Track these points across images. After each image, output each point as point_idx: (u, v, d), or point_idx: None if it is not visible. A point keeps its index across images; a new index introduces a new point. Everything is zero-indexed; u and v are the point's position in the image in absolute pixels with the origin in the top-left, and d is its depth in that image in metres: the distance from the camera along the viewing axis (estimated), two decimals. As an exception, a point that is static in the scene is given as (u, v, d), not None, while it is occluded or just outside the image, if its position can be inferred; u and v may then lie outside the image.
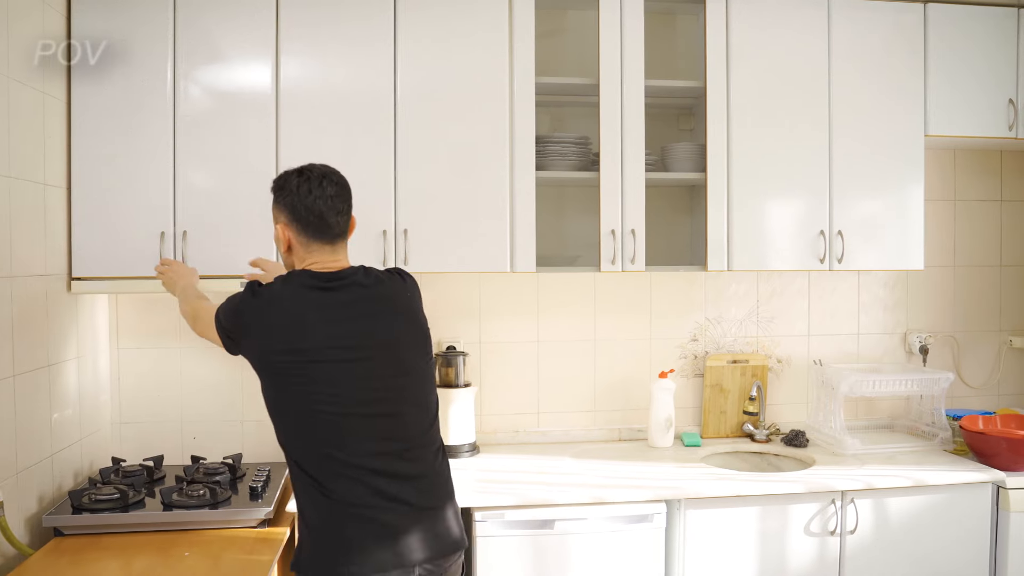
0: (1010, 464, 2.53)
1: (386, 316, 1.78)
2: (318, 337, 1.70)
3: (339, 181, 1.82)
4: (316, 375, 1.69)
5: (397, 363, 1.77)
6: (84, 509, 2.17)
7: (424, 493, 1.74)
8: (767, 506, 2.38)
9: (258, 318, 1.74)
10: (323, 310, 1.72)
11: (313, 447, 1.70)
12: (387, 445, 1.72)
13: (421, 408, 1.80)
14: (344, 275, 1.79)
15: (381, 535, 1.67)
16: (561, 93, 2.75)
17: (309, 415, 1.70)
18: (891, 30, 2.71)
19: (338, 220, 1.81)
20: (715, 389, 2.95)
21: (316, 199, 1.77)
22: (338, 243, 1.83)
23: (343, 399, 1.70)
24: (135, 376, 2.70)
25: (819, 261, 2.68)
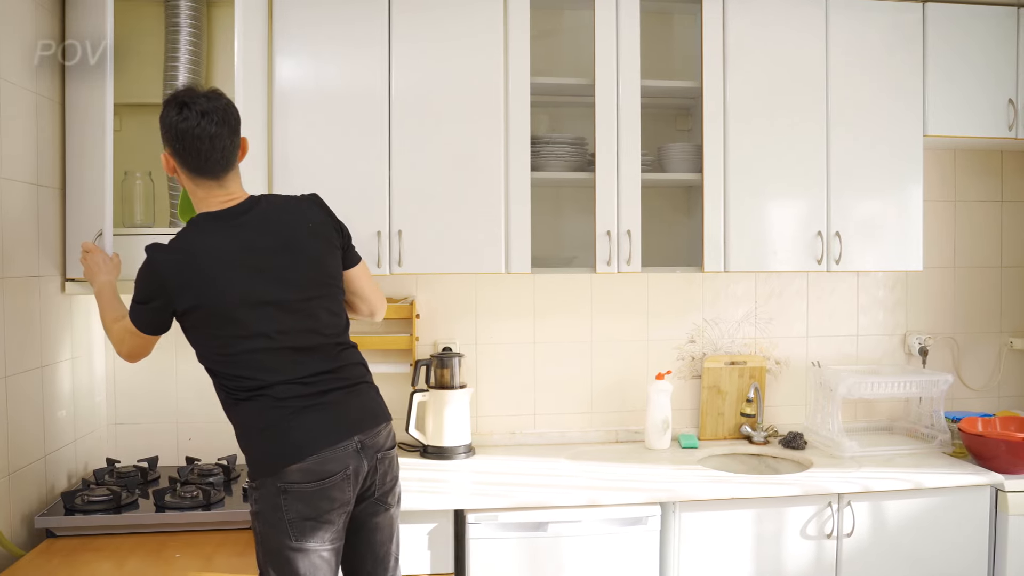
0: (1009, 467, 2.51)
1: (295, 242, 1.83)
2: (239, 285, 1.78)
3: (221, 115, 1.78)
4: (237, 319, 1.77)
5: (311, 284, 1.83)
6: (77, 510, 2.17)
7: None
8: (763, 509, 2.37)
9: (180, 272, 1.76)
10: (238, 253, 1.78)
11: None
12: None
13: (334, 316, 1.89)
14: (245, 207, 1.83)
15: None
16: (558, 93, 2.74)
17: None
18: (890, 29, 2.69)
19: (220, 159, 1.80)
20: (713, 391, 2.93)
21: (195, 139, 1.76)
22: (225, 177, 1.83)
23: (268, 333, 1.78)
24: (131, 377, 2.69)
25: (816, 262, 2.66)
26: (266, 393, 1.77)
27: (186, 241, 1.79)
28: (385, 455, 1.87)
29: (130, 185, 2.48)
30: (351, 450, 1.79)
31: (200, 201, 1.84)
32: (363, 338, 2.68)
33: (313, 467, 1.74)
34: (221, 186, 1.82)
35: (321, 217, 1.90)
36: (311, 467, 1.74)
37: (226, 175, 1.82)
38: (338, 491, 1.77)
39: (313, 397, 1.79)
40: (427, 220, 2.47)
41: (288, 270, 1.80)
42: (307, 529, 1.75)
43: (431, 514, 2.24)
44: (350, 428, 1.80)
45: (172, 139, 1.78)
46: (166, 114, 1.78)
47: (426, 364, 2.70)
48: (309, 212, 1.89)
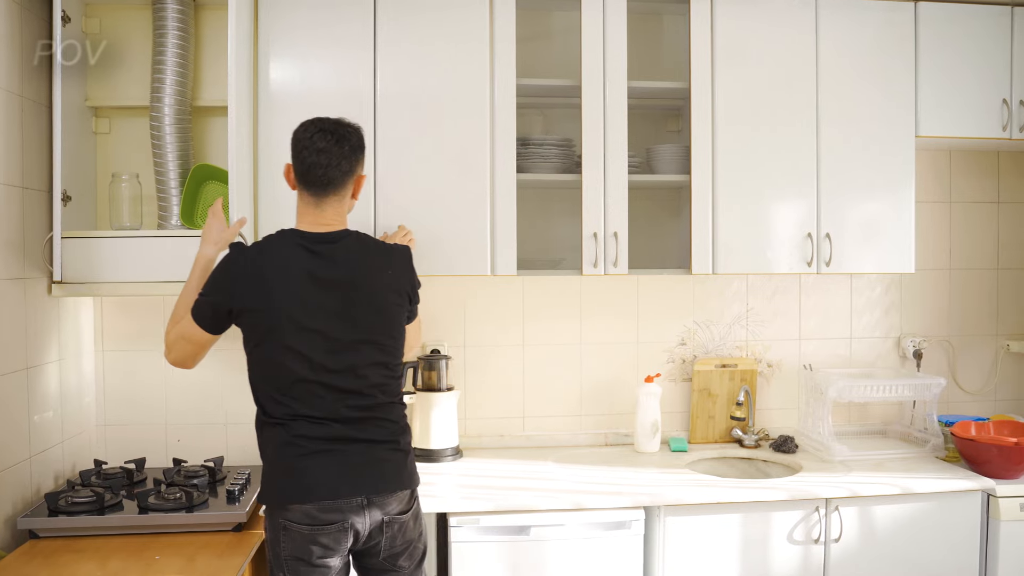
0: (1001, 472, 2.48)
1: (357, 289, 1.85)
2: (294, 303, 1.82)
3: (338, 136, 1.86)
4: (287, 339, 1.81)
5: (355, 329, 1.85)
6: (60, 512, 2.17)
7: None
8: (749, 513, 2.35)
9: (244, 278, 1.83)
10: (306, 277, 1.82)
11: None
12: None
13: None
14: (330, 238, 1.87)
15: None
16: (547, 95, 2.73)
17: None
18: (881, 29, 2.67)
19: (322, 174, 1.86)
20: (703, 394, 2.91)
21: (304, 150, 1.85)
22: (325, 198, 1.88)
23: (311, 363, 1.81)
24: (120, 378, 2.71)
25: (806, 264, 2.64)
26: (290, 424, 1.81)
27: (263, 246, 1.86)
28: (395, 520, 1.84)
29: (117, 187, 2.49)
30: (355, 505, 1.79)
31: (299, 216, 1.91)
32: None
33: (314, 512, 1.76)
34: (318, 206, 1.88)
35: (402, 272, 1.94)
36: (311, 511, 1.76)
37: (326, 196, 1.87)
38: (331, 540, 1.77)
39: (333, 442, 1.80)
40: (412, 222, 2.46)
41: (347, 309, 1.83)
42: (300, 569, 1.78)
43: (413, 517, 2.24)
44: (359, 486, 1.79)
45: (295, 154, 1.88)
46: (303, 132, 1.88)
47: (413, 366, 2.69)
48: (394, 263, 1.93)
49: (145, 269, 2.36)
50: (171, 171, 2.49)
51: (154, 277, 2.36)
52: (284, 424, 1.81)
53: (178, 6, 2.47)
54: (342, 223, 1.92)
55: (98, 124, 2.61)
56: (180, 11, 2.48)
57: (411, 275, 1.98)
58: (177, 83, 2.48)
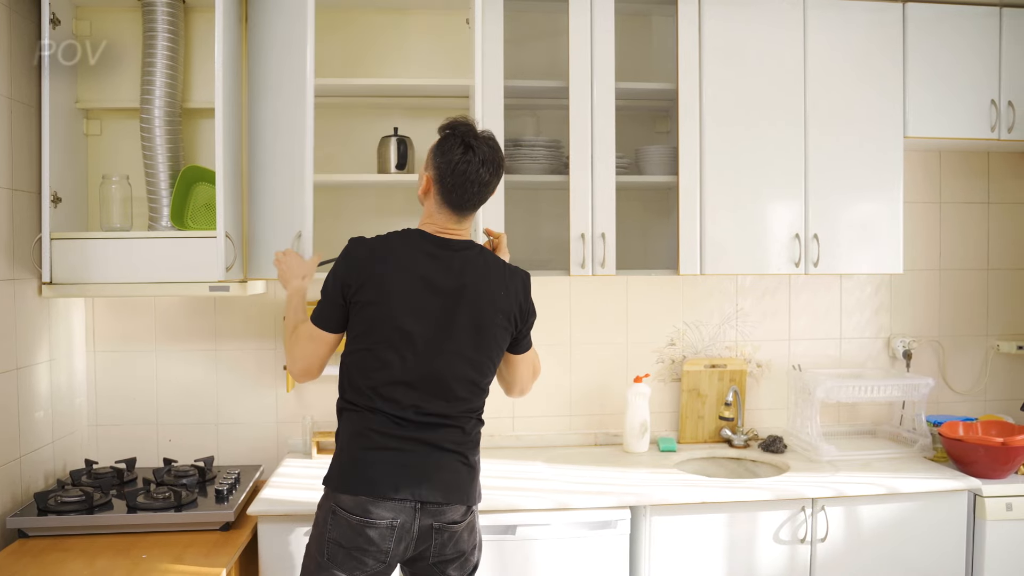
0: (988, 472, 2.48)
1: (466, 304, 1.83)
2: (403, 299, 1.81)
3: (496, 165, 1.85)
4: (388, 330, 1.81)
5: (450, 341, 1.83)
6: (49, 511, 2.19)
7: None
8: (735, 513, 2.35)
9: (367, 266, 1.83)
10: (420, 279, 1.82)
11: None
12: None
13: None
14: (455, 246, 1.87)
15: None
16: (534, 96, 2.74)
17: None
18: (869, 30, 2.67)
19: (477, 202, 1.87)
20: (692, 394, 2.92)
21: (466, 181, 1.82)
22: (467, 217, 1.89)
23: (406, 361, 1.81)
24: (111, 379, 2.72)
25: (794, 265, 2.65)
26: (367, 415, 1.82)
27: (385, 240, 1.87)
28: (447, 528, 1.82)
29: (107, 189, 2.51)
30: (408, 507, 1.78)
31: (428, 218, 1.89)
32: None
33: (367, 504, 1.77)
34: (458, 222, 1.88)
35: (516, 296, 1.90)
36: (364, 503, 1.77)
37: (467, 213, 1.88)
38: (377, 535, 1.77)
39: (402, 441, 1.80)
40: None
41: (450, 317, 1.81)
42: (338, 556, 1.78)
43: (400, 516, 2.25)
44: (416, 491, 1.79)
45: (446, 173, 1.83)
46: (449, 148, 1.83)
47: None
48: (508, 283, 1.89)
49: (135, 270, 2.38)
50: (161, 172, 2.50)
51: (144, 278, 2.37)
52: (361, 413, 1.82)
53: (168, 8, 2.49)
54: (468, 233, 1.91)
55: (89, 126, 2.63)
56: (170, 13, 2.49)
57: (525, 302, 1.93)
58: (167, 85, 2.49)
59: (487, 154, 1.83)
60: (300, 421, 2.77)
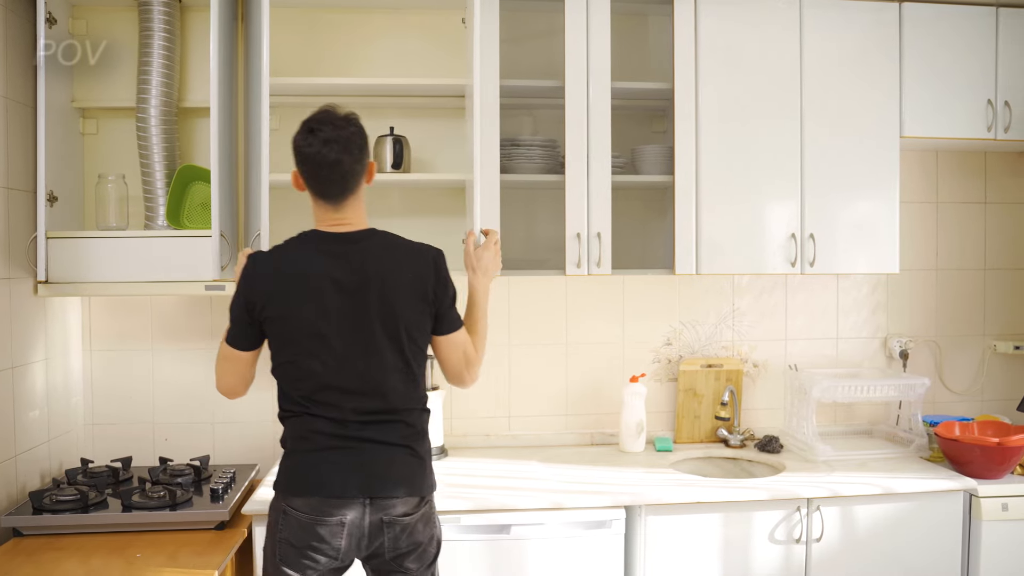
0: (983, 472, 2.48)
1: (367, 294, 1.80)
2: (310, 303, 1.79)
3: (343, 142, 1.78)
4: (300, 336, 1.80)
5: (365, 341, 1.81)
6: (45, 510, 2.19)
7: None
8: (730, 513, 2.35)
9: (262, 284, 1.82)
10: (324, 280, 1.79)
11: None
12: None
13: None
14: (353, 238, 1.83)
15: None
16: (531, 96, 2.74)
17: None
18: (865, 30, 2.67)
19: (340, 185, 1.81)
20: (689, 394, 2.92)
21: (315, 165, 1.79)
22: (343, 203, 1.83)
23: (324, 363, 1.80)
24: (107, 378, 2.72)
25: (790, 265, 2.65)
26: (307, 419, 1.82)
27: (280, 250, 1.85)
28: (397, 521, 1.81)
29: (103, 188, 2.51)
30: (357, 503, 1.78)
31: (317, 219, 1.87)
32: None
33: (316, 504, 1.78)
34: (337, 210, 1.84)
35: (424, 273, 1.85)
36: (314, 503, 1.78)
37: (343, 200, 1.83)
38: (327, 532, 1.77)
39: (343, 440, 1.80)
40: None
41: (364, 311, 1.79)
42: (290, 556, 1.79)
43: (395, 516, 2.25)
44: (363, 488, 1.78)
45: (297, 161, 1.82)
46: (296, 136, 1.81)
47: (398, 366, 2.70)
48: (415, 263, 1.85)
49: (131, 269, 2.39)
50: (157, 172, 2.51)
51: (140, 277, 2.38)
52: (301, 418, 1.83)
53: (164, 8, 2.49)
54: (363, 221, 1.87)
55: (85, 125, 2.64)
56: (166, 12, 2.50)
57: (437, 279, 1.87)
58: (163, 84, 2.50)
59: (330, 133, 1.77)
60: (296, 420, 2.77)
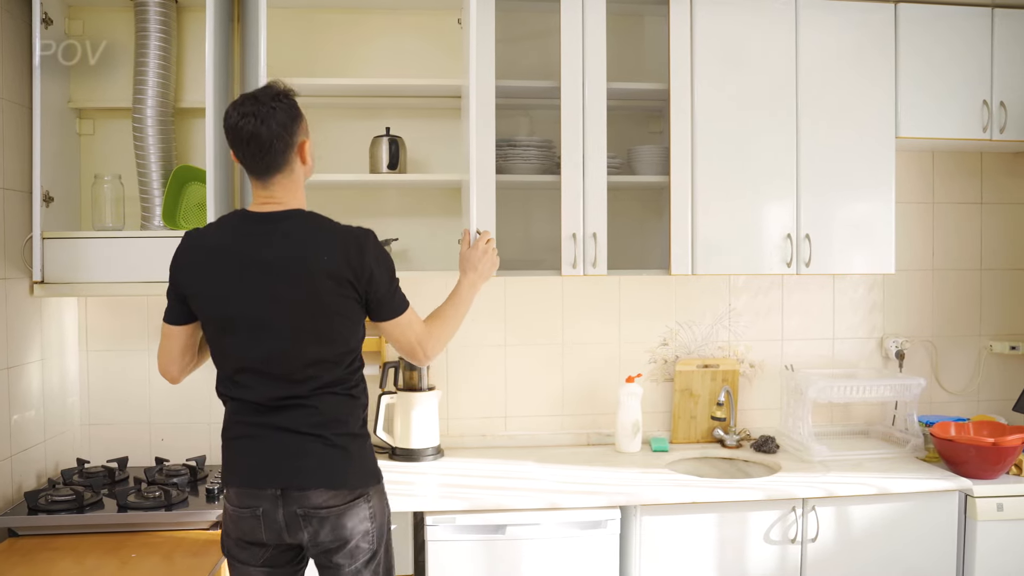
0: (979, 472, 2.48)
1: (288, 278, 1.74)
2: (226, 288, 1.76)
3: (260, 117, 1.70)
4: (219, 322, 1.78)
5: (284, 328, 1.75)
6: (40, 510, 2.19)
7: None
8: (726, 513, 2.35)
9: (187, 264, 1.80)
10: (240, 258, 1.75)
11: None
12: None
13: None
14: (272, 218, 1.77)
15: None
16: (527, 96, 2.74)
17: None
18: (861, 30, 2.67)
19: (262, 160, 1.74)
20: (685, 394, 2.92)
21: (236, 139, 1.73)
22: (270, 179, 1.76)
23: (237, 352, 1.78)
24: (104, 378, 2.72)
25: (786, 265, 2.65)
26: (231, 403, 1.82)
27: (206, 229, 1.83)
28: (313, 514, 1.74)
29: (99, 188, 2.51)
30: (268, 494, 1.74)
31: (252, 198, 1.82)
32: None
33: (238, 494, 1.78)
34: (264, 187, 1.78)
35: (348, 256, 1.74)
36: (234, 494, 1.78)
37: (269, 178, 1.76)
38: (247, 526, 1.77)
39: (257, 428, 1.77)
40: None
41: (278, 292, 1.73)
42: (231, 547, 1.82)
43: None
44: (271, 477, 1.74)
45: (227, 140, 1.77)
46: (225, 109, 1.77)
47: (394, 366, 2.71)
48: (335, 245, 1.74)
49: (127, 269, 2.39)
50: (154, 172, 2.51)
51: (136, 277, 2.38)
52: (227, 403, 1.83)
53: (160, 8, 2.49)
54: (293, 201, 1.79)
55: (82, 125, 2.64)
56: (162, 13, 2.50)
57: (361, 263, 1.74)
58: (159, 85, 2.50)
59: (249, 107, 1.71)
60: (292, 421, 2.77)
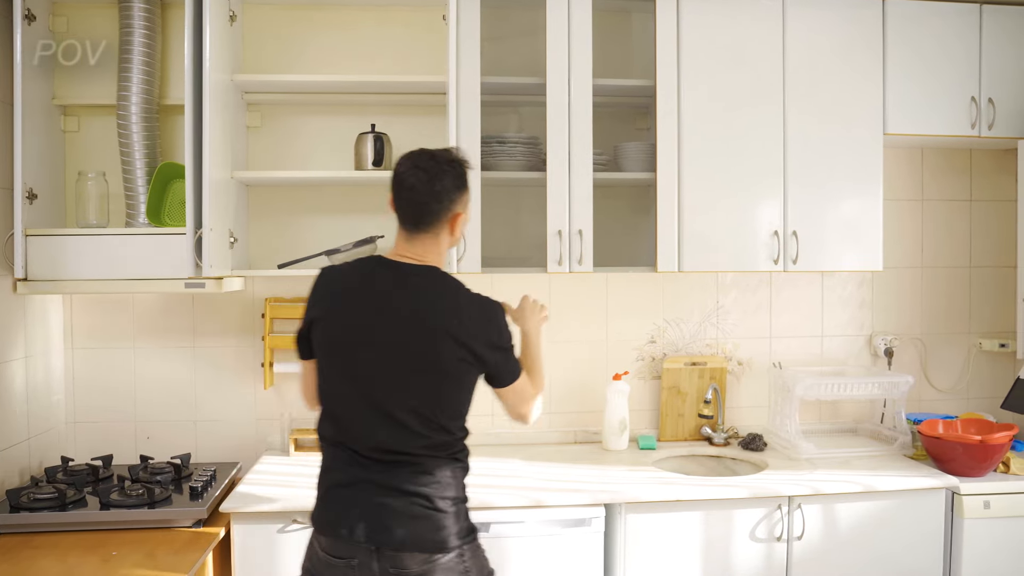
0: (966, 470, 2.47)
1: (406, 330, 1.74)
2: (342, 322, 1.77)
3: (431, 175, 1.75)
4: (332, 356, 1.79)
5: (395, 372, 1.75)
6: (22, 508, 2.19)
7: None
8: (711, 511, 2.35)
9: (316, 296, 1.82)
10: (370, 301, 1.75)
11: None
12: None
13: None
14: (404, 270, 1.78)
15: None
16: (512, 93, 2.73)
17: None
18: (848, 26, 2.66)
19: (415, 213, 1.77)
20: (672, 392, 2.91)
21: (404, 189, 1.77)
22: (417, 235, 1.79)
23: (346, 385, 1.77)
24: (89, 376, 2.72)
25: (773, 262, 2.64)
26: (332, 449, 1.79)
27: (344, 266, 1.85)
28: (406, 574, 1.70)
29: (83, 185, 2.50)
30: (363, 548, 1.72)
31: (394, 245, 1.84)
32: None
33: (330, 542, 1.75)
34: (409, 240, 1.80)
35: (475, 325, 1.75)
36: (328, 541, 1.75)
37: (417, 233, 1.78)
38: (340, 573, 1.74)
39: (358, 480, 1.74)
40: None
41: (401, 346, 1.72)
42: None
43: (374, 514, 2.24)
44: (371, 535, 1.71)
45: (393, 187, 1.79)
46: (399, 159, 1.81)
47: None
48: (464, 311, 1.75)
49: (111, 267, 2.38)
50: (138, 169, 2.50)
51: (121, 275, 2.38)
52: (327, 447, 1.81)
53: (144, 5, 2.49)
54: (433, 260, 1.81)
55: (66, 122, 2.63)
56: (147, 10, 2.49)
57: (489, 333, 1.77)
58: (144, 82, 2.49)
59: (424, 162, 1.76)
60: (279, 418, 2.77)
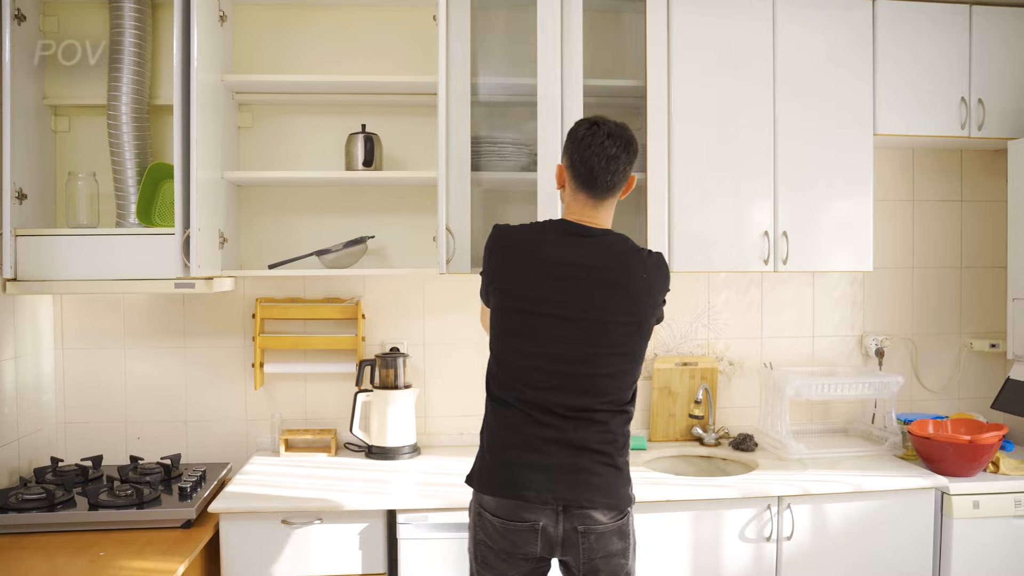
0: (956, 470, 2.48)
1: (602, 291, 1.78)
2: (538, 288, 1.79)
3: (625, 141, 1.83)
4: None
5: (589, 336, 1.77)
6: (10, 508, 2.18)
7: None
8: (701, 511, 2.35)
9: (498, 255, 1.86)
10: (555, 261, 1.79)
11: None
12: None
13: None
14: (594, 233, 1.83)
15: None
16: (503, 93, 2.73)
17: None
18: (839, 27, 2.66)
19: (609, 179, 1.82)
20: (663, 392, 2.91)
21: (593, 155, 1.80)
22: (603, 200, 1.84)
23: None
24: (79, 376, 2.71)
25: (763, 262, 2.64)
26: (508, 410, 1.80)
27: (523, 226, 1.87)
28: (592, 530, 1.75)
29: (73, 186, 2.50)
30: (549, 509, 1.73)
31: (568, 209, 1.88)
32: (307, 338, 2.70)
33: (508, 506, 1.75)
34: (593, 206, 1.85)
35: (657, 279, 1.85)
36: (505, 505, 1.75)
37: (603, 199, 1.85)
38: (521, 539, 1.75)
39: (544, 442, 1.75)
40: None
41: (595, 302, 1.76)
42: (488, 556, 1.80)
43: (363, 514, 2.25)
44: (558, 493, 1.73)
45: (573, 152, 1.83)
46: (575, 129, 1.85)
47: (370, 364, 2.70)
48: (650, 269, 1.84)
49: (102, 267, 2.38)
50: (129, 169, 2.50)
51: (111, 275, 2.38)
52: (502, 408, 1.81)
53: (135, 5, 2.49)
54: (608, 223, 1.88)
55: (57, 122, 2.63)
56: (137, 10, 2.49)
57: (664, 283, 1.89)
58: (135, 82, 2.49)
59: (613, 128, 1.82)
60: (269, 419, 2.77)
